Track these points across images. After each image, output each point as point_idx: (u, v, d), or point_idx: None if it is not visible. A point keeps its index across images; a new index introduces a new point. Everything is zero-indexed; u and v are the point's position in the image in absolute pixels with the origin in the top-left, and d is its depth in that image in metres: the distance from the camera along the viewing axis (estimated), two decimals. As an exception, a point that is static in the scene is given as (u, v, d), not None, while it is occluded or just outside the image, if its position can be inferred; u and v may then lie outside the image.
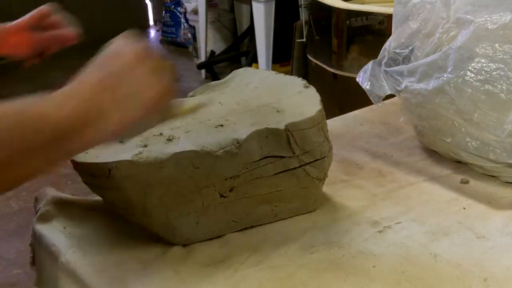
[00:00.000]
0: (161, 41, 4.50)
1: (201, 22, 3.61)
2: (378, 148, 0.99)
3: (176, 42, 4.34)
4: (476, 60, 0.80)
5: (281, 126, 0.71)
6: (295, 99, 0.78)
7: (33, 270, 0.82)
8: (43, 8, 0.85)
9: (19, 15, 0.84)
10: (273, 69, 3.15)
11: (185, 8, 3.97)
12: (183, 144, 0.68)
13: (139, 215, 0.69)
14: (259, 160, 0.71)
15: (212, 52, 3.70)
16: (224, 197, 0.72)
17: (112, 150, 0.67)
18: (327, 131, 0.76)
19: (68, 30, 0.87)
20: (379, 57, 0.95)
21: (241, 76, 0.87)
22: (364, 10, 1.84)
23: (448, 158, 0.92)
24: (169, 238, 0.72)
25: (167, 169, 0.67)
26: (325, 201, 0.82)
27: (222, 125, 0.73)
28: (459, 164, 0.91)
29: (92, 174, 0.67)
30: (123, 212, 0.70)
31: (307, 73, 2.32)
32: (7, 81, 3.60)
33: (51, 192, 0.82)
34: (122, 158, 0.65)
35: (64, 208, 0.80)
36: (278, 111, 0.75)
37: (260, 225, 0.77)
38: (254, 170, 0.72)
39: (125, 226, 0.75)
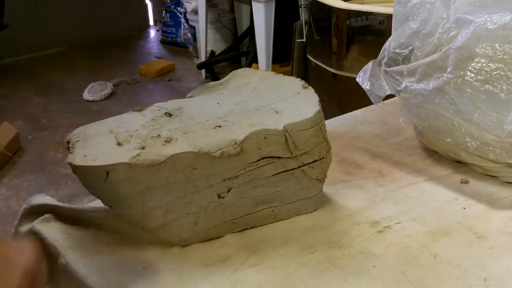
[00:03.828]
0: (161, 41, 4.50)
1: (201, 22, 3.61)
2: (378, 148, 0.99)
3: (176, 42, 4.34)
4: (476, 60, 0.80)
5: (280, 127, 0.71)
6: (293, 99, 0.78)
7: None
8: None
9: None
10: (273, 69, 3.15)
11: (185, 8, 3.97)
12: (181, 146, 0.68)
13: (138, 217, 0.69)
14: (258, 161, 0.71)
15: (212, 52, 3.70)
16: (222, 198, 0.72)
17: (109, 152, 0.67)
18: (326, 131, 0.76)
19: None
20: (379, 57, 0.95)
21: (240, 76, 0.87)
22: (364, 10, 1.84)
23: (448, 158, 0.92)
24: (169, 239, 0.72)
25: (164, 170, 0.67)
26: (325, 201, 0.82)
27: (220, 126, 0.73)
28: (459, 164, 0.91)
29: (90, 177, 0.67)
30: (122, 214, 0.70)
31: (307, 73, 2.32)
32: (7, 81, 3.61)
33: (46, 199, 0.82)
34: (119, 160, 0.65)
35: (63, 210, 0.80)
36: (277, 112, 0.75)
37: (260, 225, 0.77)
38: (252, 171, 0.71)
39: (124, 227, 0.75)
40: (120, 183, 0.66)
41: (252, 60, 3.30)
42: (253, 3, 2.99)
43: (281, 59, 3.18)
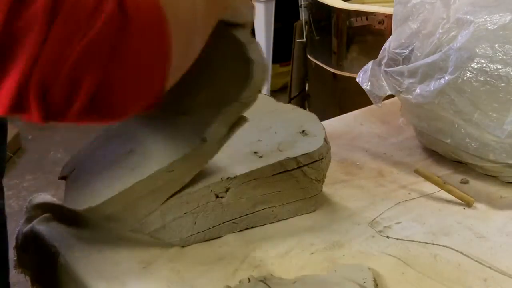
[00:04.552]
0: (161, 41, 4.50)
1: (201, 22, 3.60)
2: (378, 148, 0.99)
3: (176, 42, 4.33)
4: (476, 61, 0.80)
5: None
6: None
7: (18, 273, 0.81)
8: None
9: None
10: (273, 69, 3.15)
11: (185, 8, 3.97)
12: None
13: (135, 225, 0.70)
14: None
15: (212, 52, 3.69)
16: (221, 198, 0.71)
17: None
18: (325, 132, 0.77)
19: None
20: (379, 57, 0.95)
21: None
22: (364, 10, 1.83)
23: (448, 158, 0.92)
24: (169, 240, 0.72)
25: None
26: (325, 201, 0.82)
27: None
28: (459, 164, 0.91)
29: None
30: (119, 227, 0.71)
31: (307, 73, 2.32)
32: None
33: (47, 198, 0.82)
34: None
35: (63, 210, 0.80)
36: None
37: (259, 225, 0.77)
38: (251, 171, 0.72)
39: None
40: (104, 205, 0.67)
41: (252, 60, 3.29)
42: (253, 3, 2.99)
43: (281, 59, 3.17)
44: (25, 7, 0.37)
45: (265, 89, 3.11)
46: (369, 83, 0.93)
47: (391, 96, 0.96)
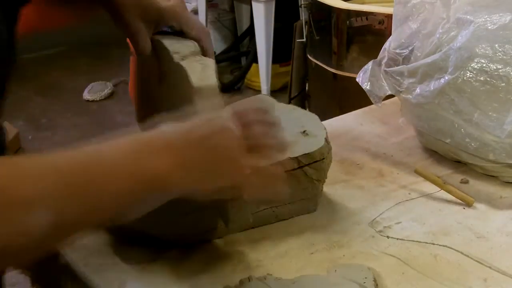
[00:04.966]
0: (161, 41, 4.50)
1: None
2: (378, 148, 0.99)
3: (176, 42, 4.33)
4: (476, 61, 0.80)
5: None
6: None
7: (18, 274, 0.81)
8: None
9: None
10: (273, 69, 3.15)
11: (185, 8, 3.97)
12: None
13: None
14: None
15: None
16: (222, 197, 0.71)
17: None
18: (326, 132, 0.77)
19: None
20: (379, 57, 0.95)
21: None
22: (364, 10, 1.83)
23: (448, 158, 0.92)
24: (169, 239, 0.72)
25: None
26: (325, 201, 0.82)
27: None
28: (459, 164, 0.91)
29: None
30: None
31: (307, 73, 2.32)
32: (7, 81, 3.59)
33: None
34: None
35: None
36: None
37: (260, 225, 0.77)
38: None
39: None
40: None
41: (252, 60, 3.30)
42: (253, 3, 2.99)
43: (281, 59, 3.17)
44: None
45: (265, 89, 3.11)
46: (369, 83, 0.93)
47: (391, 96, 0.96)
